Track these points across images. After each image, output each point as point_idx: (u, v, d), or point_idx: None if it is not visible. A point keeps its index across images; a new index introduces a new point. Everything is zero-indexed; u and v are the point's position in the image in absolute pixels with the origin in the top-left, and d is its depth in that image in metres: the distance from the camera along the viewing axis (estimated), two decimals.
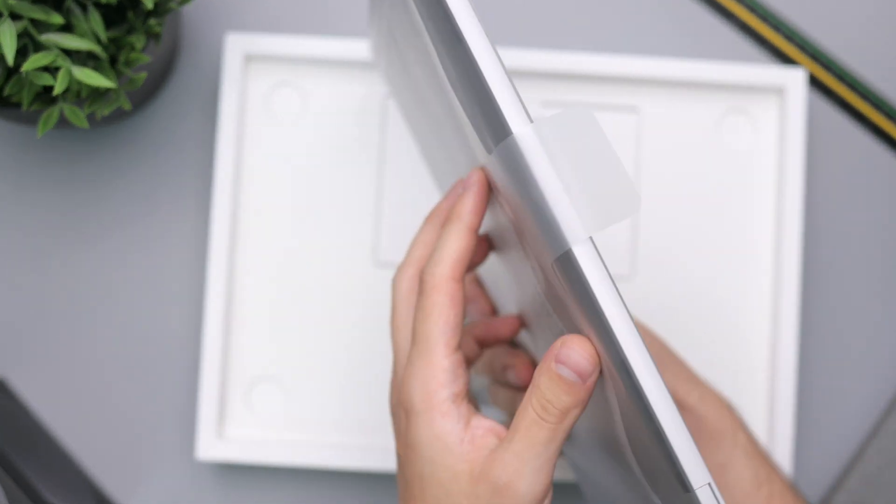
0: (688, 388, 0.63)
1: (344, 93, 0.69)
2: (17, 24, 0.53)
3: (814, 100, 0.72)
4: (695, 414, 0.62)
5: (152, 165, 0.71)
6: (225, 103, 0.68)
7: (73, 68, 0.54)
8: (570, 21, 0.72)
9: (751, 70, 0.69)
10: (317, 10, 0.72)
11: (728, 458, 0.62)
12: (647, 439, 0.44)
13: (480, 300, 0.64)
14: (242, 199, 0.69)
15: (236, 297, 0.69)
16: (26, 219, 0.71)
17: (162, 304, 0.71)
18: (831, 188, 0.72)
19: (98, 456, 0.70)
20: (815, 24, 0.73)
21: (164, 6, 0.59)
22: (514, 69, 0.68)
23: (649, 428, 0.43)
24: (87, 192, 0.71)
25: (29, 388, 0.70)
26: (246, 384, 0.69)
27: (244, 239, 0.69)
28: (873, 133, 0.72)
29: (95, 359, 0.71)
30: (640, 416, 0.44)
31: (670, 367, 0.63)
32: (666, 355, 0.64)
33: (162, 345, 0.71)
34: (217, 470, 0.71)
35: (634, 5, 0.72)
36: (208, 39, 0.71)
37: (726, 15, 0.72)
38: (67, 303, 0.71)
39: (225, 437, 0.68)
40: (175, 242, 0.71)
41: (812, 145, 0.72)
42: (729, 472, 0.62)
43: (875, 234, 0.72)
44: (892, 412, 0.70)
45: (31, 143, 0.71)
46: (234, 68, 0.68)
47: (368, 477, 0.71)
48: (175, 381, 0.71)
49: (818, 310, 0.71)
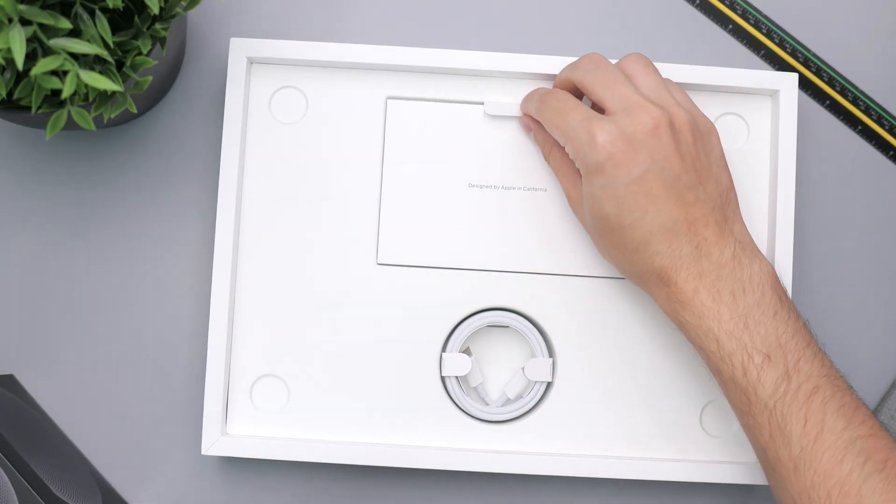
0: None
1: (346, 95, 0.70)
2: (26, 29, 0.53)
3: (806, 103, 0.73)
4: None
5: (158, 167, 0.71)
6: (229, 106, 0.68)
7: (81, 72, 0.54)
8: (566, 26, 0.72)
9: (744, 74, 0.69)
10: (319, 14, 0.72)
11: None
12: None
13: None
14: (246, 199, 0.69)
15: (240, 295, 0.69)
16: (35, 219, 0.71)
17: (168, 302, 0.71)
18: (823, 188, 0.72)
19: (105, 451, 0.71)
20: (807, 29, 0.73)
21: (170, 11, 0.59)
22: (514, 73, 0.69)
23: None
24: (94, 193, 0.71)
25: (37, 384, 0.71)
26: (250, 381, 0.69)
27: (248, 239, 0.69)
28: (864, 135, 0.73)
29: (102, 356, 0.71)
30: None
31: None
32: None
33: (168, 342, 0.71)
34: (221, 464, 0.71)
35: (632, 11, 0.73)
36: (213, 44, 0.72)
37: (721, 20, 0.73)
38: (75, 301, 0.71)
39: (229, 432, 0.69)
40: (180, 242, 0.71)
41: (804, 147, 0.72)
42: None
43: (866, 234, 0.72)
44: (881, 408, 0.71)
45: (40, 145, 0.71)
46: (238, 72, 0.68)
47: (369, 471, 0.71)
48: (180, 378, 0.71)
49: (810, 308, 0.72)
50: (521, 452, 0.68)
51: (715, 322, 0.60)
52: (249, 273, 0.69)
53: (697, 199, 0.61)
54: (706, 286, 0.60)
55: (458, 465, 0.67)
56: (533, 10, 0.72)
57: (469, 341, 0.70)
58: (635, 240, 0.61)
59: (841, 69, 0.73)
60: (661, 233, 0.61)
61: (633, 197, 0.60)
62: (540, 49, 0.72)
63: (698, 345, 0.61)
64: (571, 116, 0.62)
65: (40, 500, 0.61)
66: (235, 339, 0.69)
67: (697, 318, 0.60)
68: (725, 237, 0.61)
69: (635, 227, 0.61)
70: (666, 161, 0.61)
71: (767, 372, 0.59)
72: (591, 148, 0.61)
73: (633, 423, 0.69)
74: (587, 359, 0.69)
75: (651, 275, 0.62)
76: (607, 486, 0.71)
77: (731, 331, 0.60)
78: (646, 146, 0.60)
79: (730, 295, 0.60)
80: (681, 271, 0.61)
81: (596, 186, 0.61)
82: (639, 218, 0.61)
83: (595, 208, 0.62)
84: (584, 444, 0.69)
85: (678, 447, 0.69)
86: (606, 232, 0.62)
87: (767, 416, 0.59)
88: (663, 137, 0.61)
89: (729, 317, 0.60)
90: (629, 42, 0.72)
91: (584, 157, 0.61)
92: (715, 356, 0.60)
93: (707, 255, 0.61)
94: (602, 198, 0.61)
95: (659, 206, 0.61)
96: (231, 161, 0.68)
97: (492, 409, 0.69)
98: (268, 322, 0.69)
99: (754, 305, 0.60)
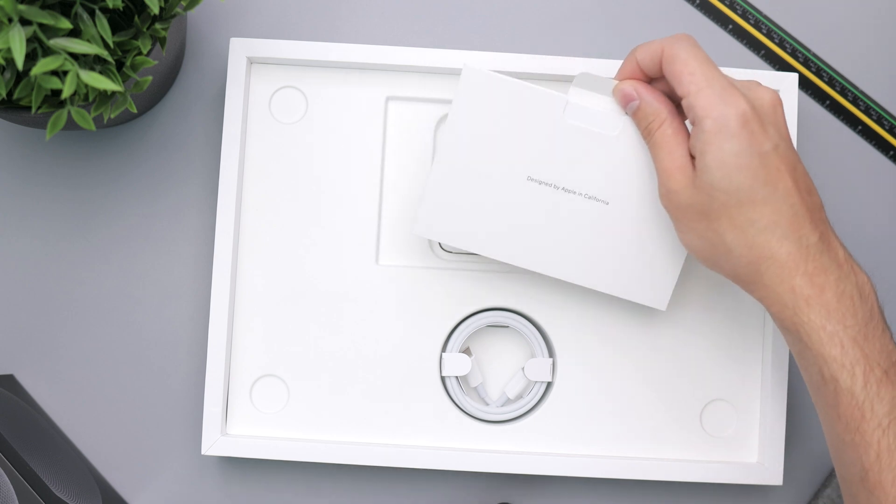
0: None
1: (346, 95, 0.70)
2: (26, 29, 0.53)
3: (806, 103, 0.73)
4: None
5: (158, 167, 0.72)
6: (229, 106, 0.68)
7: (81, 72, 0.54)
8: (565, 26, 0.72)
9: (744, 74, 0.69)
10: (319, 15, 0.72)
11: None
12: None
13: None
14: (246, 199, 0.69)
15: (240, 296, 0.69)
16: (35, 219, 0.71)
17: (168, 302, 0.71)
18: (822, 188, 0.72)
19: (105, 451, 0.71)
20: (807, 29, 0.73)
21: (170, 11, 0.59)
22: (515, 73, 0.69)
23: None
24: (94, 194, 0.71)
25: (37, 385, 0.71)
26: (249, 382, 0.69)
27: (248, 239, 0.69)
28: (863, 135, 0.73)
29: (102, 356, 0.71)
30: None
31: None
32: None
33: (167, 342, 0.71)
34: (221, 465, 0.71)
35: (631, 11, 0.73)
36: (213, 44, 0.72)
37: (721, 20, 0.73)
38: (75, 301, 0.71)
39: (229, 432, 0.69)
40: (180, 242, 0.71)
41: (804, 147, 0.72)
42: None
43: (866, 233, 0.72)
44: None
45: (40, 145, 0.71)
46: (238, 72, 0.68)
47: (369, 471, 0.71)
48: (180, 378, 0.71)
49: None
50: (521, 452, 0.68)
51: (841, 325, 0.56)
52: (249, 273, 0.69)
53: (811, 190, 0.58)
54: (831, 284, 0.56)
55: (458, 465, 0.67)
56: (532, 9, 0.72)
57: (469, 341, 0.70)
58: (765, 217, 0.57)
59: (841, 69, 0.73)
60: (791, 215, 0.57)
61: (767, 170, 0.56)
62: (540, 49, 0.72)
63: (816, 350, 0.56)
64: (712, 67, 0.58)
65: (40, 500, 0.61)
66: (235, 339, 0.69)
67: (824, 317, 0.56)
68: (834, 238, 0.58)
69: (767, 202, 0.57)
70: (787, 143, 0.58)
71: (886, 387, 0.55)
72: (728, 106, 0.56)
73: (633, 423, 0.69)
74: (587, 359, 0.69)
75: (773, 263, 0.57)
76: (608, 486, 0.71)
77: (854, 337, 0.56)
78: (771, 122, 0.57)
79: (850, 299, 0.56)
80: (809, 262, 0.57)
81: (727, 153, 0.56)
82: (770, 193, 0.57)
83: (724, 179, 0.56)
84: (584, 444, 0.69)
85: (678, 447, 0.69)
86: (732, 208, 0.57)
87: (879, 435, 0.55)
88: (780, 117, 0.58)
89: (853, 322, 0.56)
90: (629, 42, 0.72)
91: (718, 115, 0.56)
92: (836, 363, 0.56)
93: (829, 250, 0.57)
94: (735, 166, 0.56)
95: (788, 187, 0.57)
96: (231, 161, 0.68)
97: (492, 409, 0.69)
98: (268, 322, 0.69)
99: (869, 317, 0.57)
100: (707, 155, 0.57)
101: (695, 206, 0.58)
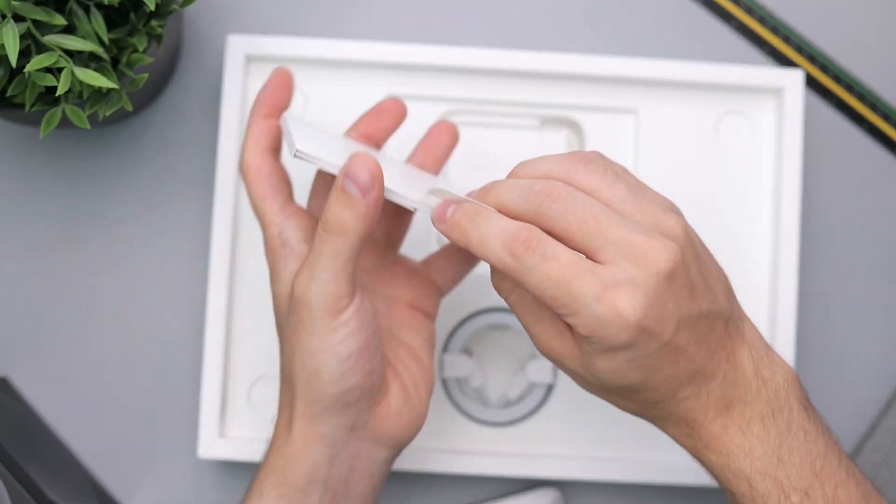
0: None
1: (344, 93, 0.70)
2: (19, 26, 0.53)
3: (811, 101, 0.72)
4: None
5: (154, 166, 0.71)
6: (226, 104, 0.68)
7: (76, 69, 0.54)
8: (568, 23, 0.72)
9: (748, 71, 0.69)
10: (317, 11, 0.72)
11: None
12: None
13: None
14: (244, 198, 0.69)
15: (238, 295, 0.69)
16: (29, 219, 0.71)
17: (164, 303, 0.71)
18: (829, 189, 0.72)
19: (101, 454, 0.71)
20: (813, 25, 0.73)
21: (166, 7, 0.59)
22: (513, 71, 0.69)
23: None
24: (89, 193, 0.71)
25: (31, 386, 0.71)
26: (247, 383, 0.69)
27: (245, 238, 0.69)
28: (870, 134, 0.73)
29: (98, 358, 0.71)
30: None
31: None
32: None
33: (163, 343, 0.71)
34: (219, 468, 0.71)
35: (632, 7, 0.73)
36: (210, 41, 0.72)
37: (724, 17, 0.73)
38: (70, 302, 0.71)
39: (226, 435, 0.68)
40: (177, 242, 0.71)
41: (809, 146, 0.72)
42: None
43: (872, 235, 0.72)
44: (888, 412, 0.71)
45: (34, 143, 0.71)
46: (235, 69, 0.68)
47: None
48: (177, 380, 0.71)
49: (816, 312, 0.72)
50: (522, 455, 0.68)
51: (746, 462, 0.53)
52: (247, 273, 0.69)
53: (714, 322, 0.53)
54: (735, 419, 0.53)
55: (459, 467, 0.67)
56: (535, 6, 0.72)
57: (470, 342, 0.70)
58: (660, 395, 0.53)
59: (847, 66, 0.73)
60: (689, 380, 0.53)
61: (664, 359, 0.51)
62: (542, 46, 0.72)
63: (725, 487, 0.54)
64: (577, 286, 0.49)
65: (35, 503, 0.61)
66: (233, 340, 0.69)
67: (726, 457, 0.53)
68: (740, 349, 0.54)
69: (663, 385, 0.53)
70: (688, 302, 0.51)
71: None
72: (617, 327, 0.49)
73: (635, 426, 0.69)
74: None
75: (672, 419, 0.54)
76: (610, 490, 0.71)
77: (763, 469, 0.53)
78: (669, 296, 0.50)
79: (760, 424, 0.53)
80: (708, 411, 0.53)
81: (619, 361, 0.51)
82: (668, 375, 0.52)
83: (614, 381, 0.52)
84: (586, 446, 0.69)
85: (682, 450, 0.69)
86: (625, 395, 0.53)
87: None
88: (679, 277, 0.51)
89: (762, 452, 0.53)
90: (631, 39, 0.72)
91: (604, 338, 0.50)
92: (745, 498, 0.53)
93: (732, 381, 0.53)
94: (627, 370, 0.51)
95: (689, 356, 0.52)
96: (228, 159, 0.68)
97: (493, 410, 0.69)
98: (266, 322, 0.69)
99: (785, 430, 0.53)
100: (591, 362, 0.52)
101: (586, 387, 0.55)
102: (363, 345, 0.54)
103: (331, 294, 0.53)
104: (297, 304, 0.54)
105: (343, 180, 0.52)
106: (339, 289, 0.53)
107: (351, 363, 0.54)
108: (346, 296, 0.53)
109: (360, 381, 0.54)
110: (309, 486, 0.55)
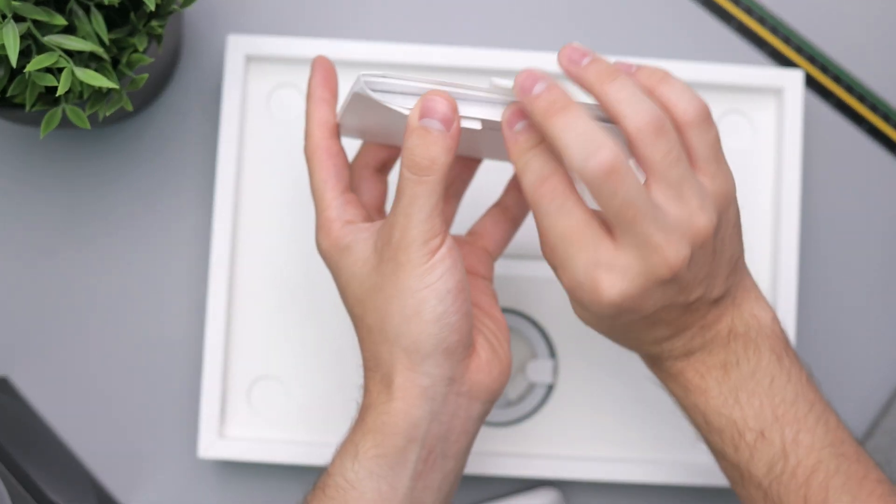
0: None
1: (343, 93, 0.69)
2: (20, 26, 0.53)
3: (811, 101, 0.72)
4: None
5: (154, 166, 0.71)
6: (226, 104, 0.68)
7: (76, 69, 0.54)
8: (568, 23, 0.72)
9: (749, 71, 0.69)
10: (317, 12, 0.72)
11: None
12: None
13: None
14: (244, 198, 0.69)
15: (238, 296, 0.69)
16: (29, 219, 0.71)
17: (164, 303, 0.71)
18: (828, 188, 0.72)
19: (100, 454, 0.71)
20: (813, 26, 0.73)
21: (166, 8, 0.59)
22: (513, 71, 0.68)
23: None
24: (89, 193, 0.71)
25: (31, 386, 0.71)
26: (247, 383, 0.69)
27: (245, 238, 0.69)
28: (870, 134, 0.73)
29: (98, 358, 0.71)
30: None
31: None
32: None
33: (164, 343, 0.71)
34: (218, 468, 0.71)
35: (634, 8, 0.73)
36: (210, 41, 0.72)
37: (724, 17, 0.73)
38: (70, 302, 0.71)
39: (226, 435, 0.68)
40: (177, 242, 0.71)
41: (809, 146, 0.72)
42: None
43: (872, 234, 0.72)
44: (888, 412, 0.71)
45: (34, 143, 0.71)
46: (235, 69, 0.68)
47: None
48: (177, 380, 0.71)
49: (817, 311, 0.72)
50: (522, 455, 0.68)
51: (702, 399, 0.55)
52: (247, 273, 0.69)
53: (702, 304, 0.55)
54: (692, 364, 0.56)
55: None
56: (534, 6, 0.72)
57: None
58: (628, 344, 0.57)
59: (847, 66, 0.73)
60: (659, 341, 0.56)
61: (634, 326, 0.54)
62: (542, 46, 0.72)
63: (688, 418, 0.57)
64: (576, 255, 0.52)
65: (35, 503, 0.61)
66: (233, 340, 0.69)
67: (683, 391, 0.56)
68: (723, 318, 0.56)
69: (632, 340, 0.56)
70: (677, 294, 0.53)
71: (761, 450, 0.54)
72: (591, 298, 0.52)
73: (637, 425, 0.69)
74: (590, 360, 0.69)
75: (637, 352, 0.58)
76: (610, 490, 0.71)
77: (718, 408, 0.55)
78: (658, 292, 0.52)
79: (721, 370, 0.55)
80: (671, 356, 0.56)
81: (590, 317, 0.55)
82: (638, 335, 0.55)
83: (586, 322, 0.56)
84: (586, 446, 0.69)
85: (682, 450, 0.69)
86: (594, 326, 0.56)
87: (762, 495, 0.55)
88: (677, 279, 0.52)
89: (717, 392, 0.55)
90: (631, 39, 0.72)
91: (579, 300, 0.53)
92: (703, 430, 0.56)
93: (700, 338, 0.56)
94: (596, 325, 0.55)
95: (665, 325, 0.55)
96: (228, 160, 0.68)
97: (493, 410, 0.69)
98: (266, 322, 0.69)
99: (748, 376, 0.55)
100: (571, 304, 0.55)
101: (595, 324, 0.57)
102: (459, 281, 0.55)
103: (428, 232, 0.54)
104: (394, 251, 0.54)
105: (420, 119, 0.53)
106: (434, 227, 0.54)
107: (450, 300, 0.54)
108: (439, 233, 0.54)
109: (458, 322, 0.54)
110: (408, 445, 0.55)
